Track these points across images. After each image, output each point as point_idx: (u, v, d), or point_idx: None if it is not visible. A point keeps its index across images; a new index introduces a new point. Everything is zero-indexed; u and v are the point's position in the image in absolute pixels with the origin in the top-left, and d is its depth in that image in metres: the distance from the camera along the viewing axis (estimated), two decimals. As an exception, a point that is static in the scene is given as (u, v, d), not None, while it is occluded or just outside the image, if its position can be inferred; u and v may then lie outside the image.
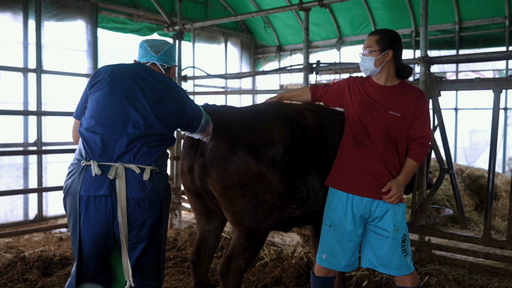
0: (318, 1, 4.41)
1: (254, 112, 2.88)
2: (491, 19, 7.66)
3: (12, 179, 6.11)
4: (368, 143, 2.70)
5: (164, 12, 5.72)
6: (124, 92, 2.32)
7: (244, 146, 2.65)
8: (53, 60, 6.42)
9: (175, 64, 2.70)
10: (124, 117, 2.27)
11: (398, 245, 2.68)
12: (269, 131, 2.73)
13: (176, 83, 2.53)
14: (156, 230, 2.32)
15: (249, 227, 2.72)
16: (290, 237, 4.82)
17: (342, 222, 2.73)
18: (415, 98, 2.71)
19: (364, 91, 2.77)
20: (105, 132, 2.24)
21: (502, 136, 7.96)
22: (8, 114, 6.02)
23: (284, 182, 2.72)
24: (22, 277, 3.93)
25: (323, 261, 2.81)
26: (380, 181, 2.67)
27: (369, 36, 2.77)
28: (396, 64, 2.74)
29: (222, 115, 2.73)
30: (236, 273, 2.78)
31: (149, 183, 2.23)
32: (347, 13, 8.78)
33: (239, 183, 2.63)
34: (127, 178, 2.18)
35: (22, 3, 6.11)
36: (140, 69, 2.45)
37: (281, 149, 2.71)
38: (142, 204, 2.23)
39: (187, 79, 5.82)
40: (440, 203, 5.59)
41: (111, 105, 2.29)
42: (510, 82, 3.52)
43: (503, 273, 3.57)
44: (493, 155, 3.63)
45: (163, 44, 2.60)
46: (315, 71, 4.62)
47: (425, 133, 2.72)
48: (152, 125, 2.30)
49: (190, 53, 8.89)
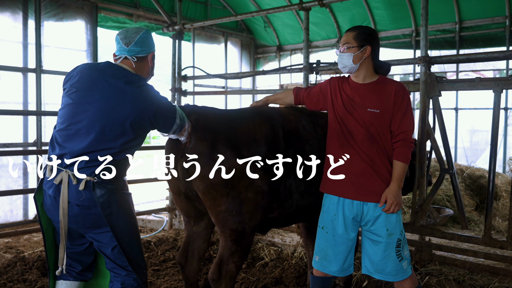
0: (318, 1, 4.40)
1: (236, 112, 2.89)
2: (492, 19, 7.65)
3: (11, 179, 6.11)
4: (352, 143, 2.66)
5: (164, 12, 5.71)
6: (82, 102, 2.39)
7: (225, 143, 2.62)
8: (53, 60, 6.41)
9: (152, 52, 2.61)
10: (77, 129, 2.38)
11: (392, 250, 2.63)
12: (251, 128, 2.71)
13: (138, 82, 2.45)
14: (104, 225, 2.43)
15: (234, 228, 2.68)
16: (290, 237, 4.82)
17: (334, 224, 2.70)
18: (393, 92, 2.65)
19: (344, 92, 2.73)
20: (62, 140, 2.41)
21: (502, 136, 7.95)
22: (8, 114, 6.02)
23: (266, 181, 2.69)
24: (21, 277, 3.92)
25: (316, 263, 2.79)
26: (367, 183, 2.63)
27: (346, 32, 2.73)
28: (374, 61, 2.71)
29: (202, 114, 2.70)
30: (228, 278, 2.74)
31: (85, 192, 2.36)
32: (347, 13, 8.77)
33: (221, 181, 2.61)
34: (69, 185, 2.38)
35: (21, 3, 6.11)
36: (103, 73, 2.44)
37: (264, 147, 2.69)
38: (82, 208, 2.40)
39: (187, 79, 5.81)
40: (441, 203, 5.58)
41: (70, 115, 2.41)
42: (510, 82, 3.51)
43: (503, 273, 3.57)
44: (494, 155, 3.62)
45: (134, 34, 2.54)
46: (315, 71, 4.61)
47: (405, 127, 2.64)
48: (100, 139, 2.36)
49: (190, 53, 8.89)
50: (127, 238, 2.49)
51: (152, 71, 2.70)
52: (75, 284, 2.66)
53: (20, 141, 6.13)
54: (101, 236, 2.47)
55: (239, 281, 3.94)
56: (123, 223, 2.47)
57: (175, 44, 5.69)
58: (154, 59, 2.67)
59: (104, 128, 2.35)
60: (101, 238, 2.48)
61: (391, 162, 2.67)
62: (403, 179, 2.65)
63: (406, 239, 2.77)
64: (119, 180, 2.47)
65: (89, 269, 2.72)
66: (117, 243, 2.45)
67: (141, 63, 2.58)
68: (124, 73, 2.47)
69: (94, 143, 2.35)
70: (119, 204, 2.45)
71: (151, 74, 2.69)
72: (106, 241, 2.48)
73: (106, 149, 2.36)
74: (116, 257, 2.50)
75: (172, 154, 2.73)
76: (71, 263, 2.65)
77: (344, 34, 2.75)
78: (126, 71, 2.49)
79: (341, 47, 2.70)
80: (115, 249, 2.48)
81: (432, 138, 3.85)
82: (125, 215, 2.48)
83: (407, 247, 2.74)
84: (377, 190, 2.64)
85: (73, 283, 2.65)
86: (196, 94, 6.13)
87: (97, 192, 2.37)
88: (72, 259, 2.64)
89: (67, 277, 2.65)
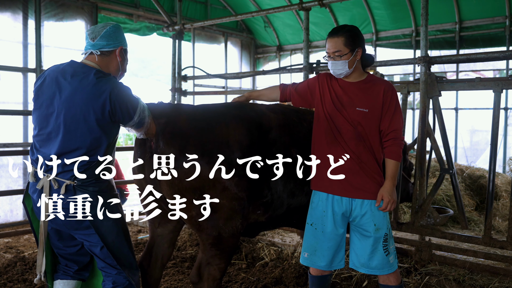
0: (318, 1, 4.40)
1: (210, 112, 2.72)
2: (492, 19, 7.65)
3: (11, 179, 6.11)
4: (340, 141, 2.67)
5: (164, 12, 5.71)
6: (47, 105, 2.40)
7: (195, 148, 2.49)
8: (53, 60, 6.40)
9: (120, 46, 2.54)
10: (48, 133, 2.39)
11: (379, 244, 2.66)
12: (224, 133, 2.59)
13: (97, 74, 2.38)
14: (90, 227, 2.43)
15: (209, 233, 2.59)
16: (290, 237, 4.82)
17: (323, 221, 2.72)
18: (382, 91, 2.66)
19: (333, 89, 2.73)
20: (38, 146, 2.42)
21: (502, 136, 7.95)
22: (8, 114, 6.02)
23: (243, 187, 2.58)
24: (21, 277, 3.92)
25: (305, 260, 2.81)
26: (354, 180, 2.65)
27: (332, 38, 2.65)
28: (362, 58, 2.71)
29: (172, 117, 2.57)
30: (211, 281, 2.69)
31: (66, 196, 2.37)
32: (347, 12, 8.77)
33: (190, 188, 2.50)
34: (51, 189, 2.39)
35: (21, 3, 6.11)
36: (64, 72, 2.41)
37: (238, 152, 2.57)
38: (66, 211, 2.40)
39: (187, 79, 5.82)
40: (441, 203, 5.58)
41: (40, 120, 2.42)
42: (510, 82, 3.51)
43: (503, 273, 3.57)
44: (494, 155, 3.62)
45: (101, 28, 2.49)
46: (315, 71, 4.61)
47: (395, 126, 2.66)
48: (68, 140, 2.35)
49: (190, 53, 8.89)
50: (114, 239, 2.49)
51: (123, 66, 2.61)
52: (72, 283, 2.66)
53: (20, 141, 6.13)
54: (90, 236, 2.48)
55: (239, 281, 3.94)
56: (109, 224, 2.46)
57: (175, 44, 5.69)
58: (124, 54, 2.59)
59: (69, 128, 2.33)
60: (90, 238, 2.48)
61: (378, 160, 2.69)
62: (396, 177, 2.68)
63: (392, 233, 2.79)
64: (101, 182, 2.44)
65: (86, 269, 2.73)
66: (103, 244, 2.46)
67: (107, 58, 2.50)
68: (83, 69, 2.41)
69: (64, 145, 2.34)
70: (103, 206, 2.44)
71: (122, 70, 2.61)
72: (95, 241, 2.48)
73: (75, 149, 2.35)
74: (105, 256, 2.50)
75: (139, 149, 2.64)
76: (67, 263, 2.66)
77: (328, 39, 2.67)
78: (85, 67, 2.43)
79: (332, 55, 2.65)
80: (104, 249, 2.48)
81: (432, 138, 3.85)
82: (110, 217, 2.48)
83: (393, 241, 2.76)
84: (364, 187, 2.66)
85: (70, 282, 2.66)
86: (196, 94, 6.14)
87: (83, 194, 2.37)
88: (67, 259, 2.65)
89: (64, 276, 2.65)
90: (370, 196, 2.66)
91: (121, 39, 2.55)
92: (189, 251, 4.62)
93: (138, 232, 5.64)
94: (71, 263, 2.66)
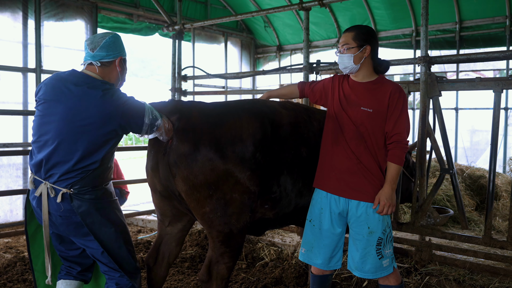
0: (318, 1, 4.39)
1: (223, 107, 2.73)
2: (492, 19, 7.65)
3: (11, 179, 6.10)
4: (341, 140, 2.67)
5: (164, 12, 5.71)
6: (47, 113, 2.39)
7: (209, 143, 2.51)
8: (53, 60, 6.41)
9: (119, 56, 2.54)
10: (46, 140, 2.38)
11: (372, 248, 2.64)
12: (237, 127, 2.58)
13: (102, 86, 2.40)
14: (88, 234, 2.44)
15: (220, 230, 2.60)
16: (290, 237, 4.81)
17: (320, 218, 2.73)
18: (389, 93, 2.64)
19: (342, 89, 2.75)
20: (36, 152, 2.43)
21: (502, 136, 7.95)
22: (8, 114, 6.02)
23: (256, 181, 2.60)
24: (21, 277, 3.92)
25: (302, 255, 2.82)
26: (351, 180, 2.64)
27: (344, 33, 2.72)
28: (373, 59, 2.71)
29: (185, 113, 2.57)
30: (219, 280, 2.70)
31: (63, 204, 2.38)
32: (347, 12, 8.77)
33: (205, 183, 2.51)
34: (49, 197, 2.40)
35: (21, 3, 6.11)
36: (66, 81, 2.41)
37: (251, 146, 2.57)
38: (64, 218, 2.43)
39: (187, 79, 5.81)
40: (441, 203, 5.58)
41: (38, 127, 2.42)
42: (510, 82, 3.51)
43: (503, 273, 3.56)
44: (494, 155, 3.61)
45: (100, 39, 2.49)
46: (315, 70, 4.60)
47: (400, 129, 2.64)
48: (66, 149, 2.35)
49: (190, 53, 8.89)
50: (114, 245, 2.50)
51: (123, 76, 2.62)
52: (75, 284, 2.67)
53: (20, 141, 6.13)
54: (89, 243, 2.49)
55: (239, 281, 3.94)
56: (108, 231, 2.47)
57: (175, 44, 5.69)
58: (124, 64, 2.60)
59: (69, 137, 2.33)
60: (90, 244, 2.49)
61: (380, 163, 2.67)
62: (396, 181, 2.65)
63: (392, 238, 2.76)
64: (98, 189, 2.44)
65: (89, 270, 2.74)
66: (103, 250, 2.47)
67: (108, 68, 2.51)
68: (87, 80, 2.42)
69: (62, 153, 2.34)
70: (101, 213, 2.45)
71: (121, 80, 2.62)
72: (95, 247, 2.49)
73: (73, 158, 2.34)
74: (107, 260, 2.51)
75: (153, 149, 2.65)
76: (70, 264, 2.68)
77: (342, 34, 2.75)
78: (89, 78, 2.43)
79: (341, 48, 2.70)
80: (104, 254, 2.49)
81: (432, 138, 3.85)
82: (109, 223, 2.48)
83: (391, 245, 2.73)
84: (361, 189, 2.65)
85: (73, 282, 2.67)
86: (196, 94, 6.13)
87: (75, 204, 2.37)
88: (70, 261, 2.67)
89: (67, 276, 2.66)
90: (366, 198, 2.65)
91: (121, 49, 2.56)
92: (189, 251, 4.62)
93: (138, 232, 5.63)
94: (74, 264, 2.68)
